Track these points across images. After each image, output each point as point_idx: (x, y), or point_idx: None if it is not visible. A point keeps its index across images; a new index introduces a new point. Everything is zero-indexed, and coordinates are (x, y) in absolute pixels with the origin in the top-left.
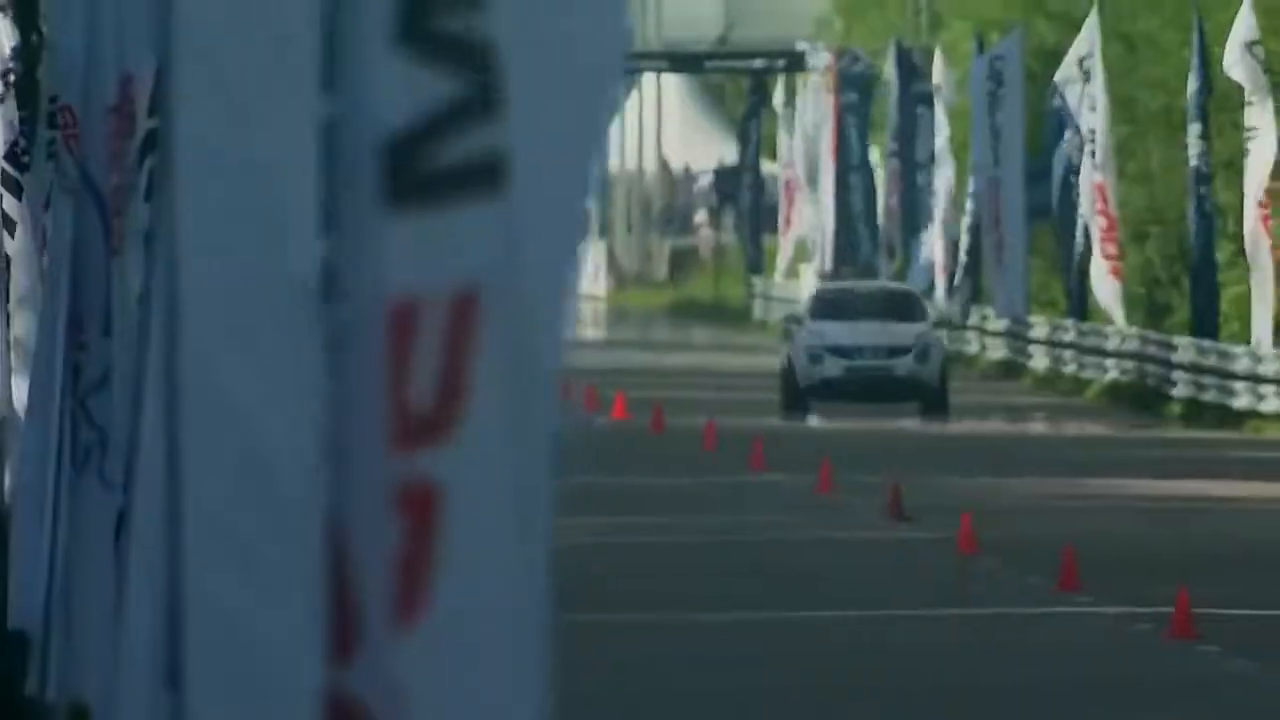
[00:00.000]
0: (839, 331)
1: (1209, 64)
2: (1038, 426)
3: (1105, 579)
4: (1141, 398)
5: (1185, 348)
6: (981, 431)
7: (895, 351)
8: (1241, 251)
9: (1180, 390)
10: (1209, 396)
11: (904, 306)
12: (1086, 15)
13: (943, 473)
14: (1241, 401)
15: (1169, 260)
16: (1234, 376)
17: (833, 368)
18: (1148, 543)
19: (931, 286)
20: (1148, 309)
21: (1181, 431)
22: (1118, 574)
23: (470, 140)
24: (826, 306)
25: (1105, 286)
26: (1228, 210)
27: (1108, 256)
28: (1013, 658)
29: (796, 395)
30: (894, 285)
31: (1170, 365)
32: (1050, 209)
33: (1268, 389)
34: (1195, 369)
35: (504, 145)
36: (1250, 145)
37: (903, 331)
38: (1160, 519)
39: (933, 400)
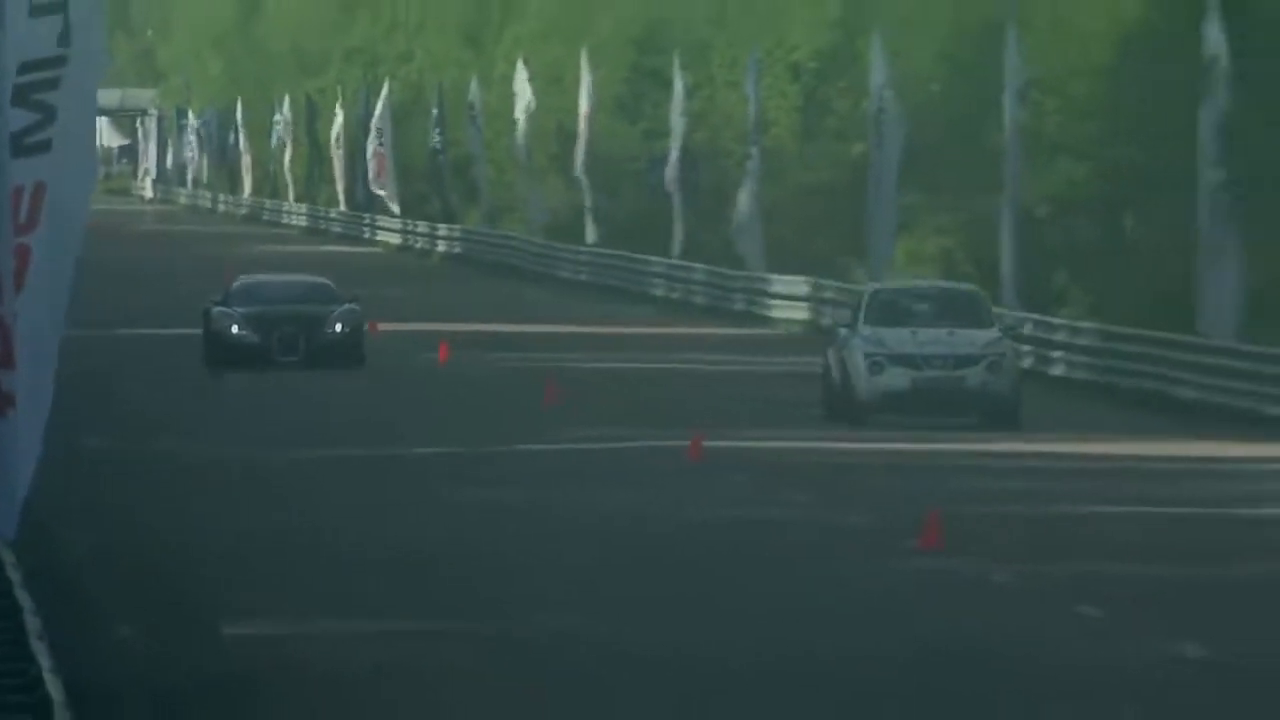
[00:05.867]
0: (901, 339)
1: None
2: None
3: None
4: (409, 250)
5: (443, 226)
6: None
7: (965, 361)
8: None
9: (441, 246)
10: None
11: (970, 310)
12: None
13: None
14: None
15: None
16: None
17: (897, 379)
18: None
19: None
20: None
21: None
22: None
23: (44, 132)
24: (884, 310)
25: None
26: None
27: (380, 185)
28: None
29: (854, 408)
30: (957, 286)
31: (433, 236)
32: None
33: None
34: (448, 236)
35: (57, 135)
36: None
37: (972, 339)
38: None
39: (1005, 414)
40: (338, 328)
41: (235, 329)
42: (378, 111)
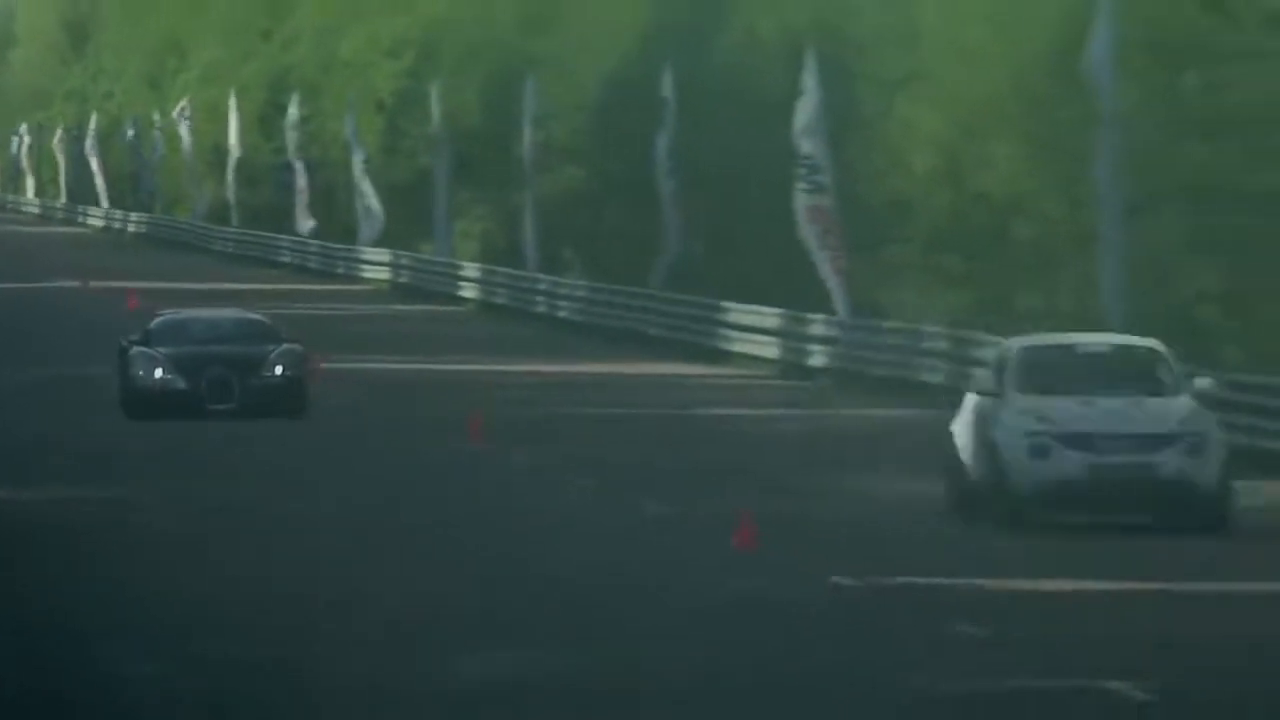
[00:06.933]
0: (1072, 411)
1: None
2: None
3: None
4: (110, 230)
5: (133, 213)
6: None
7: (1157, 442)
8: None
9: (132, 228)
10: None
11: (1150, 371)
12: None
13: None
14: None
15: None
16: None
17: (1069, 465)
18: None
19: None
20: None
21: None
22: None
23: None
24: (1042, 373)
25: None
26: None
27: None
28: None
29: (1008, 503)
30: (1134, 341)
31: (125, 220)
32: None
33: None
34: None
35: None
36: None
37: (1165, 411)
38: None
39: (1208, 511)
40: (277, 370)
41: (160, 373)
42: (89, 133)
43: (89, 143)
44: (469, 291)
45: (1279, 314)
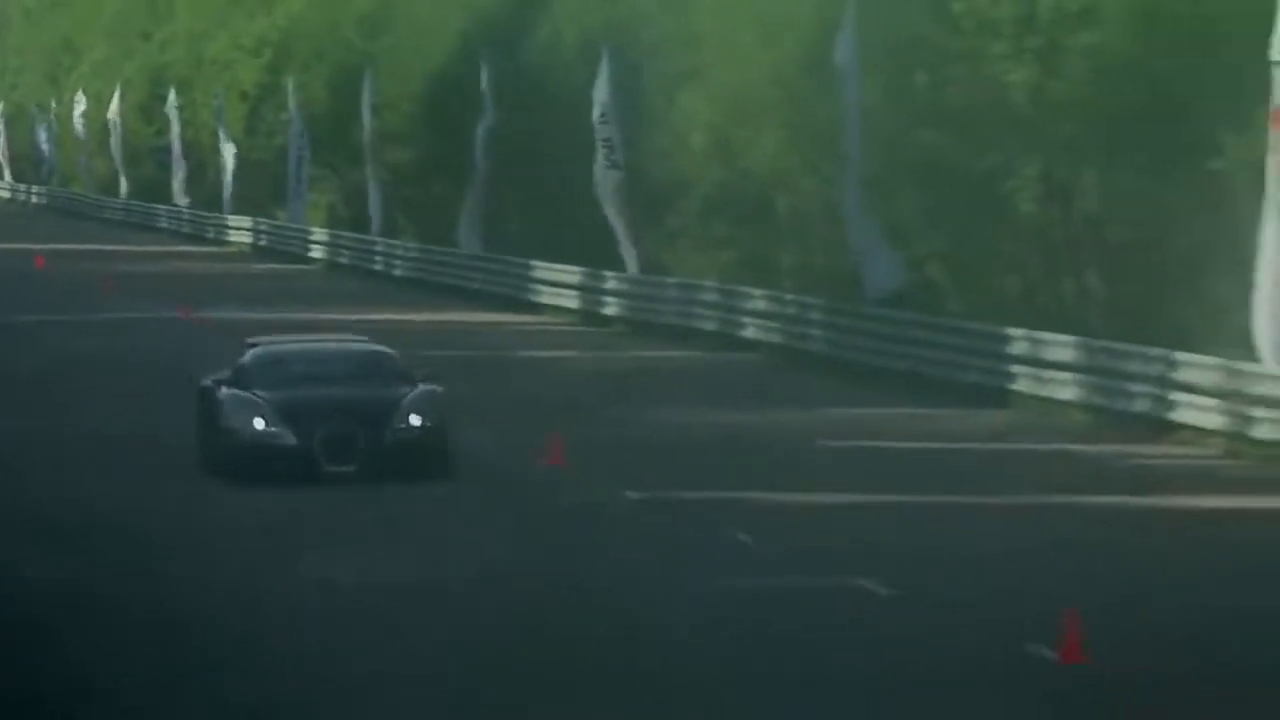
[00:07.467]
0: None
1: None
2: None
3: None
4: (14, 201)
5: (35, 186)
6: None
7: None
8: None
9: (35, 199)
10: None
11: None
12: None
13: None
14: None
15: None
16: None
17: None
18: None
19: None
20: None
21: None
22: None
23: None
24: None
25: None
26: None
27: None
28: None
29: None
30: None
31: (29, 192)
32: None
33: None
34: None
35: None
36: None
37: None
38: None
39: None
40: (413, 421)
41: (261, 423)
42: None
43: None
44: (317, 253)
45: (989, 273)
